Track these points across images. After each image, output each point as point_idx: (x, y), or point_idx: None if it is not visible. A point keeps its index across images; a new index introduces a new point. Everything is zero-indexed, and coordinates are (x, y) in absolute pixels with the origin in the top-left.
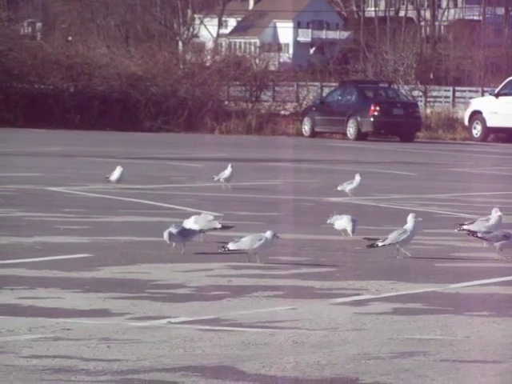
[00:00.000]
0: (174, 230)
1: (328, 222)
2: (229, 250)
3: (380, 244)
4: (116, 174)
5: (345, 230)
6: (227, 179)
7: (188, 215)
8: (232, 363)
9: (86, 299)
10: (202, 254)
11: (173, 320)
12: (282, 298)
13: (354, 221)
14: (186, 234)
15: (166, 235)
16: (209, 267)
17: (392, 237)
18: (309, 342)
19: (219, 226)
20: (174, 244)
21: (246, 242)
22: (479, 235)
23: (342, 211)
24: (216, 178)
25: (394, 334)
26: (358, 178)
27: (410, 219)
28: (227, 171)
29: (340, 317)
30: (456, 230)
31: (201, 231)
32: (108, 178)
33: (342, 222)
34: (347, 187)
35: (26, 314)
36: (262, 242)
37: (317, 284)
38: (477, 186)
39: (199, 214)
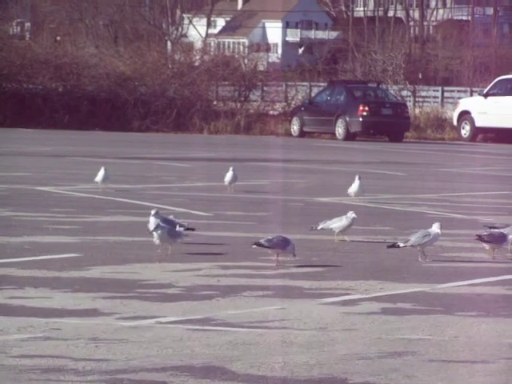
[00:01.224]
0: (163, 230)
1: (320, 228)
2: (263, 245)
3: (401, 245)
4: (100, 175)
5: (343, 231)
6: (230, 182)
7: (177, 215)
8: (221, 363)
9: (75, 299)
10: (190, 254)
11: (162, 320)
12: (271, 297)
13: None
14: (174, 234)
15: (157, 236)
16: (198, 267)
17: (414, 239)
18: (298, 342)
19: (185, 226)
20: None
21: (279, 243)
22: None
23: (332, 212)
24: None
25: (383, 334)
26: (356, 180)
27: (436, 225)
28: (229, 174)
29: (329, 317)
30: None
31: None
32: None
33: (341, 223)
34: (348, 190)
35: (16, 314)
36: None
37: (306, 284)
38: (466, 186)
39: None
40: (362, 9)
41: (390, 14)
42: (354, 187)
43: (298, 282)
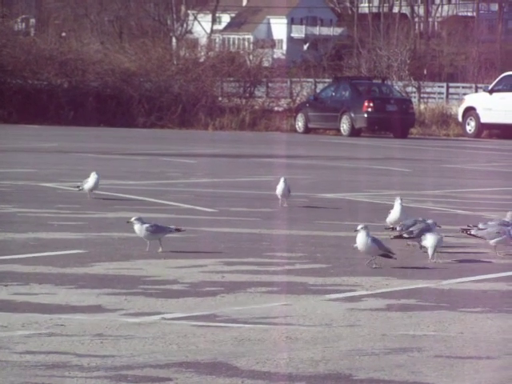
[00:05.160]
0: (149, 227)
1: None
2: (471, 234)
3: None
4: (90, 182)
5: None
6: (282, 194)
7: (182, 211)
8: (226, 359)
9: (79, 295)
10: (195, 251)
11: (166, 316)
12: (275, 294)
13: (439, 241)
14: (159, 230)
15: (140, 231)
16: (202, 263)
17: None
18: (302, 338)
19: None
20: (148, 242)
21: (491, 233)
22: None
23: (337, 208)
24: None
25: (388, 330)
26: (397, 204)
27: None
28: (279, 186)
29: (334, 313)
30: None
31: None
32: (79, 187)
33: (427, 242)
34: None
35: (20, 310)
36: (501, 237)
37: (311, 280)
38: (471, 182)
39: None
40: (366, 5)
41: (395, 10)
42: (394, 215)
43: (302, 278)
